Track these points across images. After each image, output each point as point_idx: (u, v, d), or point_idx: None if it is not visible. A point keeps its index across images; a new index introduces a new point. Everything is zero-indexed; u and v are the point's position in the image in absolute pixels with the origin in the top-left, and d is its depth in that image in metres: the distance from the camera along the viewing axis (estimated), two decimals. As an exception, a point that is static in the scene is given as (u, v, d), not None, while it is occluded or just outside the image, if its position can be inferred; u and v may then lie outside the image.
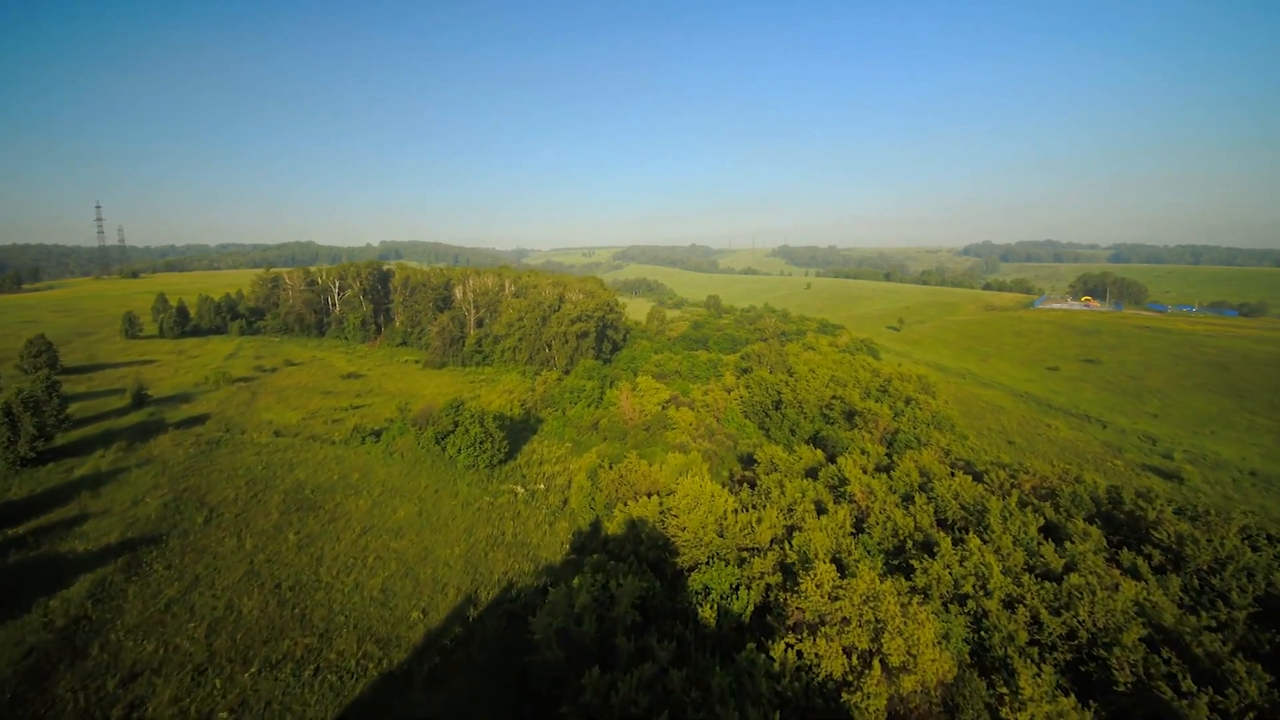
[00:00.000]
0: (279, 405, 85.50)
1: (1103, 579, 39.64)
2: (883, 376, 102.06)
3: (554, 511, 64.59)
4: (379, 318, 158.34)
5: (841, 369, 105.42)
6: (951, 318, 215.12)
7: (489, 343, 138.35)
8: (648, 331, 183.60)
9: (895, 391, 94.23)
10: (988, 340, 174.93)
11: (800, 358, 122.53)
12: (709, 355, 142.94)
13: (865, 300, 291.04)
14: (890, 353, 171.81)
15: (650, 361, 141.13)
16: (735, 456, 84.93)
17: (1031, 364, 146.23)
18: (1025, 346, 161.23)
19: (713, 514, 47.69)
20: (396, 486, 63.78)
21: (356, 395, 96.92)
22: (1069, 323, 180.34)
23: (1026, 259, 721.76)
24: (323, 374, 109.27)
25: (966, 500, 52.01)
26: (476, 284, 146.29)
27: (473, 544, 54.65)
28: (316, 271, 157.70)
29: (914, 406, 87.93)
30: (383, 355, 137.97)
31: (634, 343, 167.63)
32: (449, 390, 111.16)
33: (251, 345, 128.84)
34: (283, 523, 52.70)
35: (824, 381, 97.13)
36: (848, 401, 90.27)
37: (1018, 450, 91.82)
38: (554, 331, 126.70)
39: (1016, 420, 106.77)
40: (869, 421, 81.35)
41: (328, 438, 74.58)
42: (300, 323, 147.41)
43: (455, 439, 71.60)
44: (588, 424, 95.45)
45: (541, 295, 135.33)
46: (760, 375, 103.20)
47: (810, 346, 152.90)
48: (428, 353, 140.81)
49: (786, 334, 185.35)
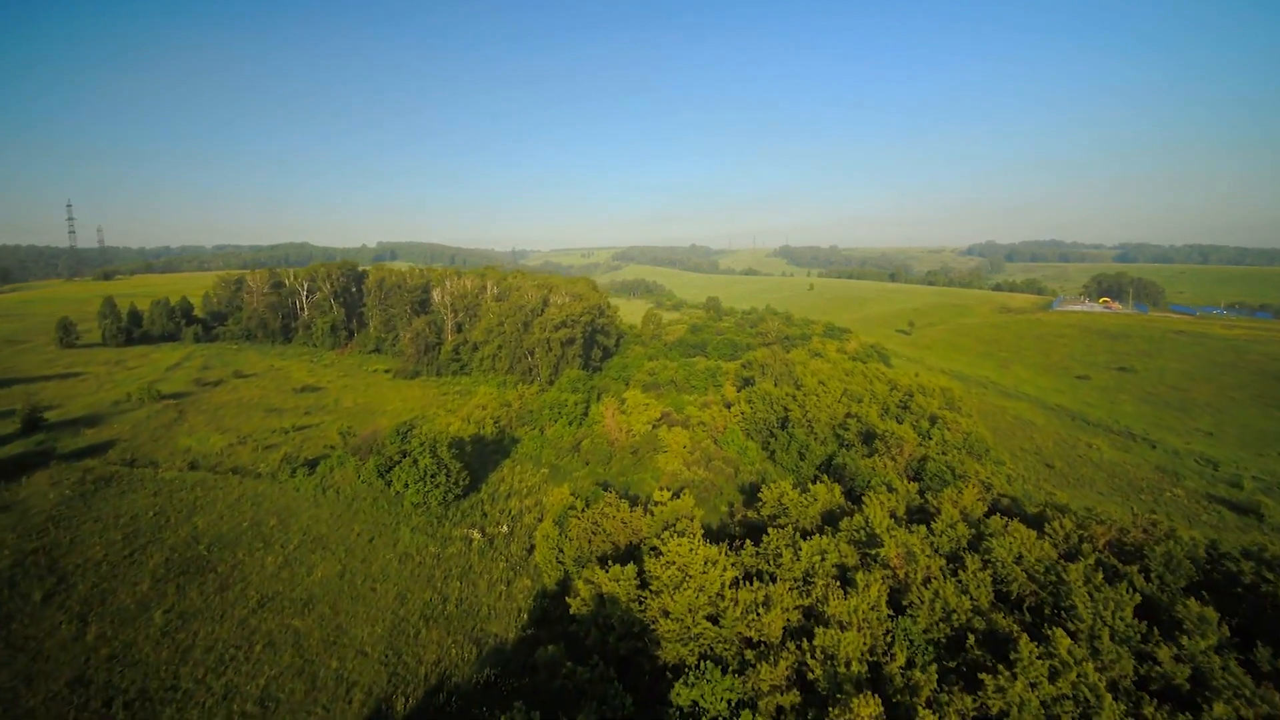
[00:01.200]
0: (207, 427, 73.89)
1: (1255, 704, 27.94)
2: (902, 390, 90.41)
3: (515, 565, 52.99)
4: (351, 322, 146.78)
5: (854, 381, 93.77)
6: (964, 320, 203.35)
7: (467, 350, 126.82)
8: (642, 336, 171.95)
9: (918, 408, 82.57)
10: (1006, 345, 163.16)
11: (808, 367, 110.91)
12: (707, 363, 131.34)
13: (870, 302, 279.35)
14: (901, 358, 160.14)
15: (643, 370, 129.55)
16: (736, 486, 73.29)
17: (1058, 372, 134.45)
18: (1049, 352, 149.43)
19: (706, 591, 36.08)
20: (321, 535, 52.15)
21: (305, 413, 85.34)
22: (1093, 326, 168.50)
23: (1032, 259, 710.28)
24: (274, 387, 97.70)
25: (1033, 565, 40.35)
26: (455, 286, 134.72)
27: (403, 617, 43.01)
28: (284, 273, 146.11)
29: (941, 427, 76.27)
30: (351, 364, 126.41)
31: (627, 349, 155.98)
32: (416, 405, 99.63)
33: (204, 354, 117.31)
34: (153, 596, 41.05)
35: (836, 396, 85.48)
36: (865, 421, 78.59)
37: (1059, 476, 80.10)
38: (536, 338, 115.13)
39: (1051, 438, 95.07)
40: (891, 446, 69.69)
41: (252, 469, 62.96)
42: (264, 328, 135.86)
43: (402, 472, 59.98)
44: (568, 445, 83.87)
45: (524, 298, 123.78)
46: (764, 389, 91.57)
47: (817, 353, 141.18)
48: (400, 361, 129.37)
49: (790, 338, 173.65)
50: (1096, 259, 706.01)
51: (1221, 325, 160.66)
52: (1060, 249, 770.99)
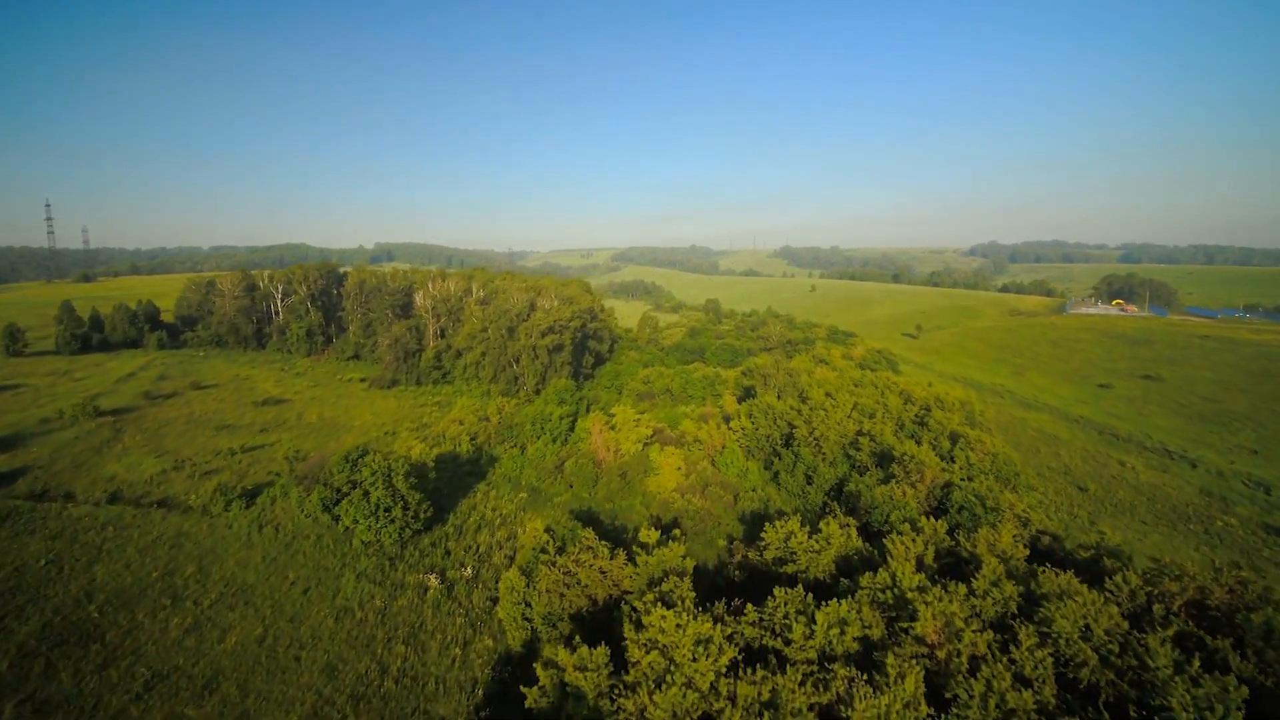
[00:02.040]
0: (143, 450, 66.07)
1: None
2: (918, 403, 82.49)
3: (476, 619, 45.20)
4: (330, 327, 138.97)
5: (865, 394, 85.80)
6: (973, 323, 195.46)
7: (450, 357, 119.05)
8: (637, 341, 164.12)
9: (936, 425, 74.62)
10: (1020, 350, 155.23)
11: (813, 376, 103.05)
12: (705, 370, 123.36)
13: (875, 304, 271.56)
14: (909, 364, 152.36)
15: (637, 378, 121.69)
16: (735, 515, 65.40)
17: (1078, 380, 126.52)
18: (1066, 358, 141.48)
19: (696, 685, 28.23)
20: (247, 586, 44.30)
21: (261, 430, 77.53)
22: (1111, 330, 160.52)
23: (1035, 260, 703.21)
24: (234, 400, 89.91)
25: (1103, 639, 32.49)
26: (438, 289, 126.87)
27: (328, 698, 35.18)
28: (258, 275, 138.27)
29: (964, 448, 68.37)
30: (326, 371, 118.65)
31: (621, 354, 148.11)
32: (388, 418, 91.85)
33: (165, 363, 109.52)
34: (10, 680, 33.13)
35: (846, 411, 77.53)
36: (879, 440, 70.72)
37: (1095, 502, 72.22)
38: (522, 345, 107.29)
39: (1079, 455, 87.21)
40: (911, 471, 61.79)
41: (182, 502, 55.14)
42: (235, 334, 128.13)
43: (351, 506, 52.14)
44: (551, 465, 76.06)
45: (509, 302, 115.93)
46: (766, 402, 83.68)
47: (822, 360, 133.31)
48: (379, 368, 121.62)
49: (793, 343, 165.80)
50: (1100, 259, 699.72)
51: (1249, 329, 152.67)
52: (1064, 249, 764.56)
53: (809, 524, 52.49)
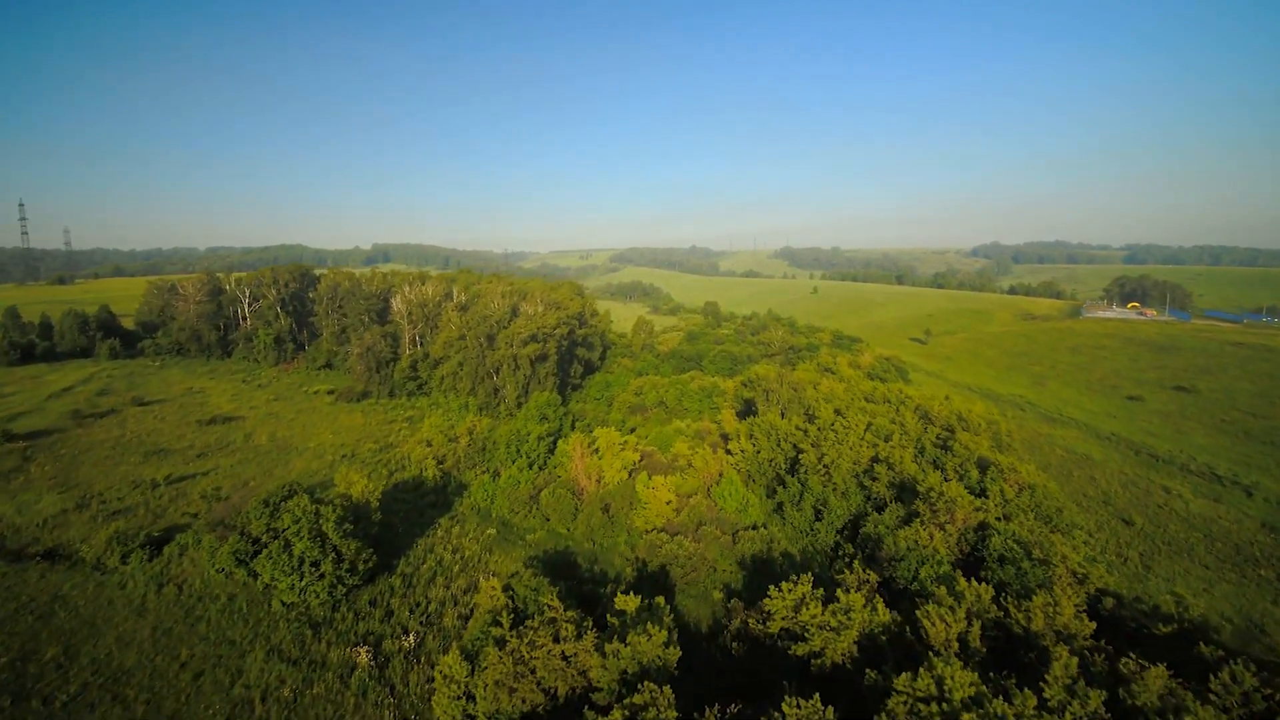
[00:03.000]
0: (49, 483, 57.25)
1: None
2: (939, 422, 73.55)
3: (412, 710, 36.35)
4: (302, 334, 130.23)
5: (878, 412, 76.81)
6: (985, 328, 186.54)
7: (426, 367, 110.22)
8: (631, 347, 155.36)
9: (961, 450, 65.63)
10: (1037, 357, 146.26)
11: (819, 390, 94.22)
12: (703, 380, 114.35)
13: (879, 306, 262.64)
14: (920, 372, 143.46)
15: (629, 389, 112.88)
16: (734, 559, 56.46)
17: (1104, 391, 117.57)
18: (1089, 367, 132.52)
19: None
20: (124, 672, 35.46)
21: (198, 456, 68.72)
22: (1133, 336, 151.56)
23: (1039, 260, 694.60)
24: (178, 418, 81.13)
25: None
26: (414, 293, 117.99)
27: None
28: (224, 278, 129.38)
29: (998, 479, 59.47)
30: (291, 383, 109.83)
31: (613, 362, 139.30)
32: (350, 437, 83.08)
33: (113, 374, 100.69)
34: None
35: (859, 433, 68.57)
36: (898, 469, 61.87)
37: (1144, 539, 63.28)
38: (501, 354, 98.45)
39: (1117, 479, 78.32)
40: (939, 510, 52.91)
41: (73, 552, 46.24)
42: (197, 341, 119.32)
43: (270, 560, 43.26)
44: (526, 494, 67.25)
45: (489, 307, 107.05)
46: (769, 421, 74.80)
47: (828, 369, 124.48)
48: (350, 379, 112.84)
49: (796, 349, 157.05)
50: (1105, 260, 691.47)
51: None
52: (1067, 250, 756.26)
53: (823, 584, 43.57)
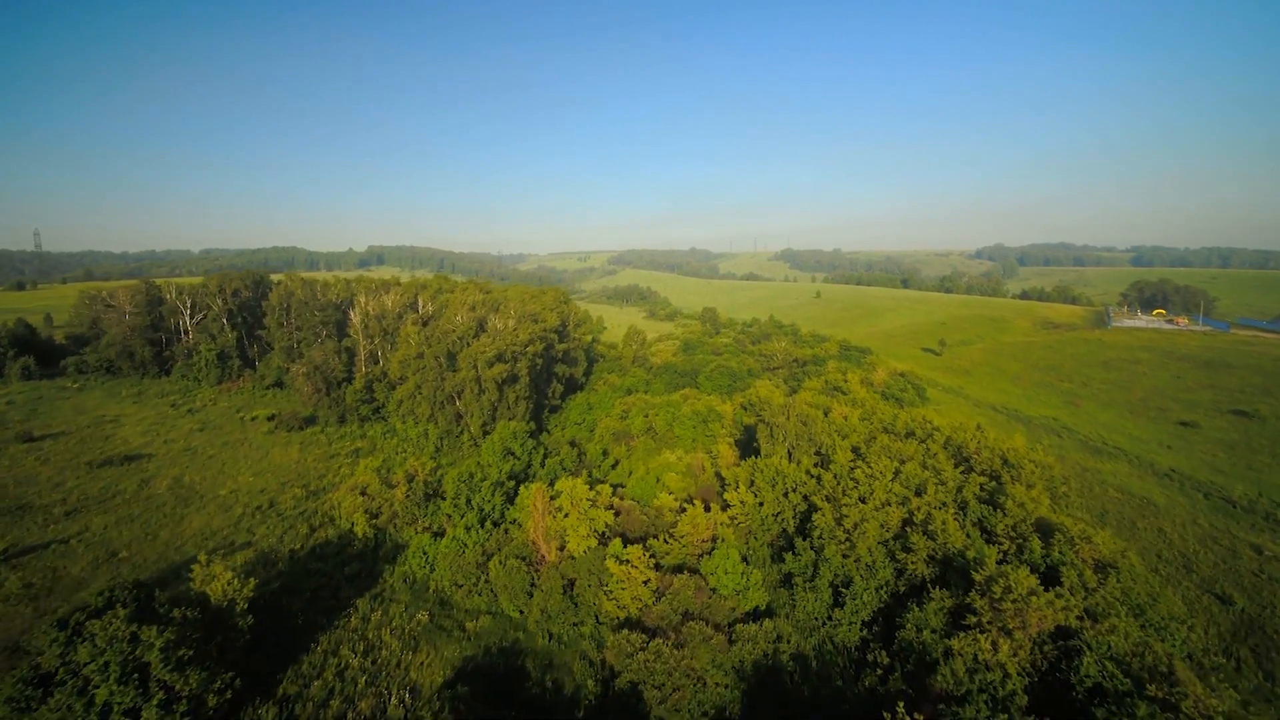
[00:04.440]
0: None
1: None
2: (982, 467, 60.24)
3: None
4: (251, 348, 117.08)
5: (906, 453, 63.48)
6: (1003, 338, 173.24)
7: (383, 389, 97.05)
8: (621, 359, 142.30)
9: (1015, 509, 52.33)
10: (1068, 373, 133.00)
11: (831, 419, 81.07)
12: (698, 403, 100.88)
13: (887, 312, 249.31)
14: (937, 388, 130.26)
15: (614, 413, 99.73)
16: (731, 669, 43.07)
17: (1151, 415, 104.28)
18: (1128, 385, 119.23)
19: None
20: None
21: (69, 513, 55.52)
22: (1171, 349, 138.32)
23: (1045, 262, 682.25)
24: (69, 457, 68.00)
25: None
26: (372, 303, 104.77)
27: None
28: (164, 286, 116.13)
29: (1068, 553, 46.20)
30: (230, 406, 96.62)
31: (599, 378, 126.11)
32: (277, 479, 69.90)
33: (14, 399, 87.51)
34: None
35: (885, 483, 55.35)
36: (939, 538, 48.66)
37: (1253, 629, 49.93)
38: (464, 376, 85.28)
39: (1191, 533, 65.04)
40: (1004, 610, 39.64)
41: None
42: (130, 358, 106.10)
43: (53, 715, 30.01)
44: (473, 562, 54.15)
45: (452, 321, 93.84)
46: (773, 466, 61.55)
47: (837, 388, 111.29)
48: (299, 401, 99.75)
49: (800, 362, 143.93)
50: (1112, 262, 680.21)
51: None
52: (1072, 252, 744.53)
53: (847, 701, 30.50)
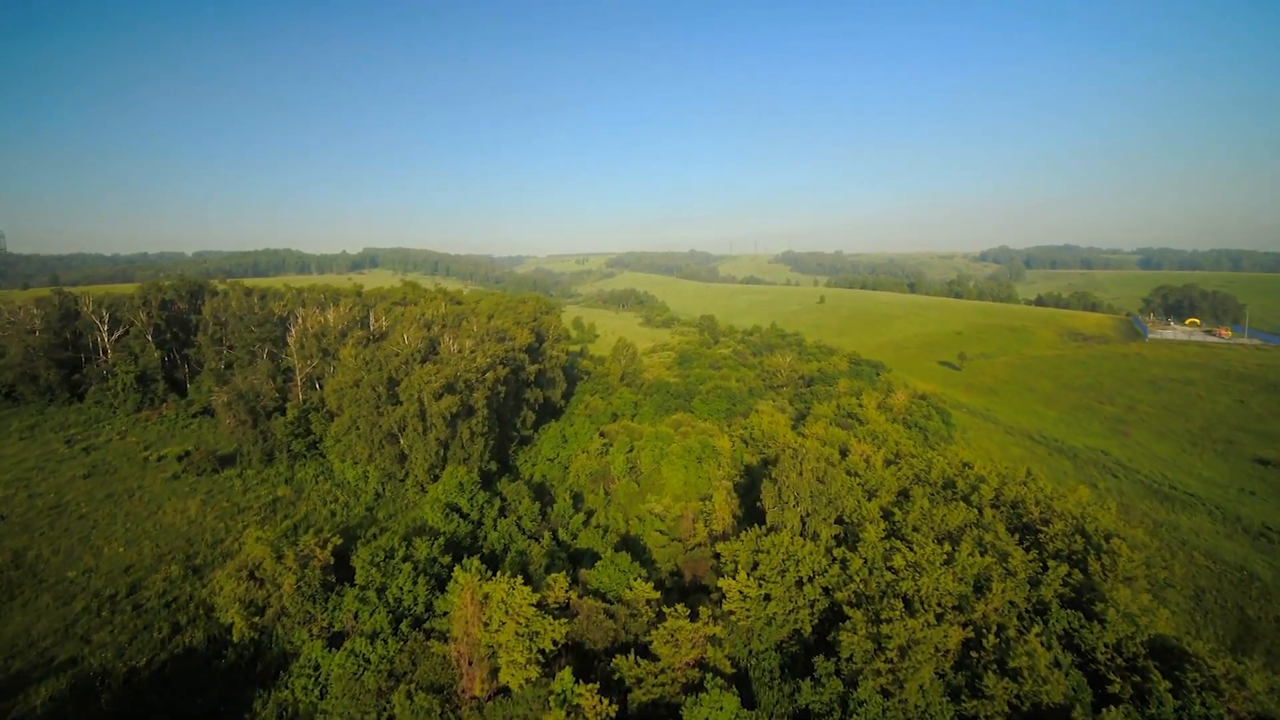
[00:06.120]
0: None
1: None
2: (1059, 547, 45.69)
3: None
4: (182, 368, 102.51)
5: (951, 519, 49.07)
6: (1028, 350, 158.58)
7: (320, 420, 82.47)
8: (608, 377, 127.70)
9: (1118, 620, 37.74)
10: (1108, 393, 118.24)
11: (851, 462, 66.53)
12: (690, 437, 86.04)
13: (895, 319, 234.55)
14: (962, 410, 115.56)
15: (592, 448, 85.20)
16: None
17: (1215, 447, 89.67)
18: (1183, 411, 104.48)
19: None
20: None
21: None
22: (1225, 368, 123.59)
23: (1052, 265, 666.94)
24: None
25: None
26: (311, 320, 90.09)
27: None
28: (83, 296, 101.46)
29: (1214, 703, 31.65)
30: (139, 441, 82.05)
31: (580, 401, 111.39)
32: (153, 550, 55.39)
33: None
34: None
35: (934, 578, 40.81)
36: (1026, 680, 34.08)
37: None
38: (406, 410, 70.64)
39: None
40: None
41: None
42: (33, 382, 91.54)
43: None
44: (374, 690, 39.53)
45: (396, 342, 79.14)
46: (783, 545, 46.98)
47: (851, 414, 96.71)
48: (223, 433, 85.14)
49: (807, 379, 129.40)
50: (1120, 265, 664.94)
51: None
52: (1079, 254, 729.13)
53: None
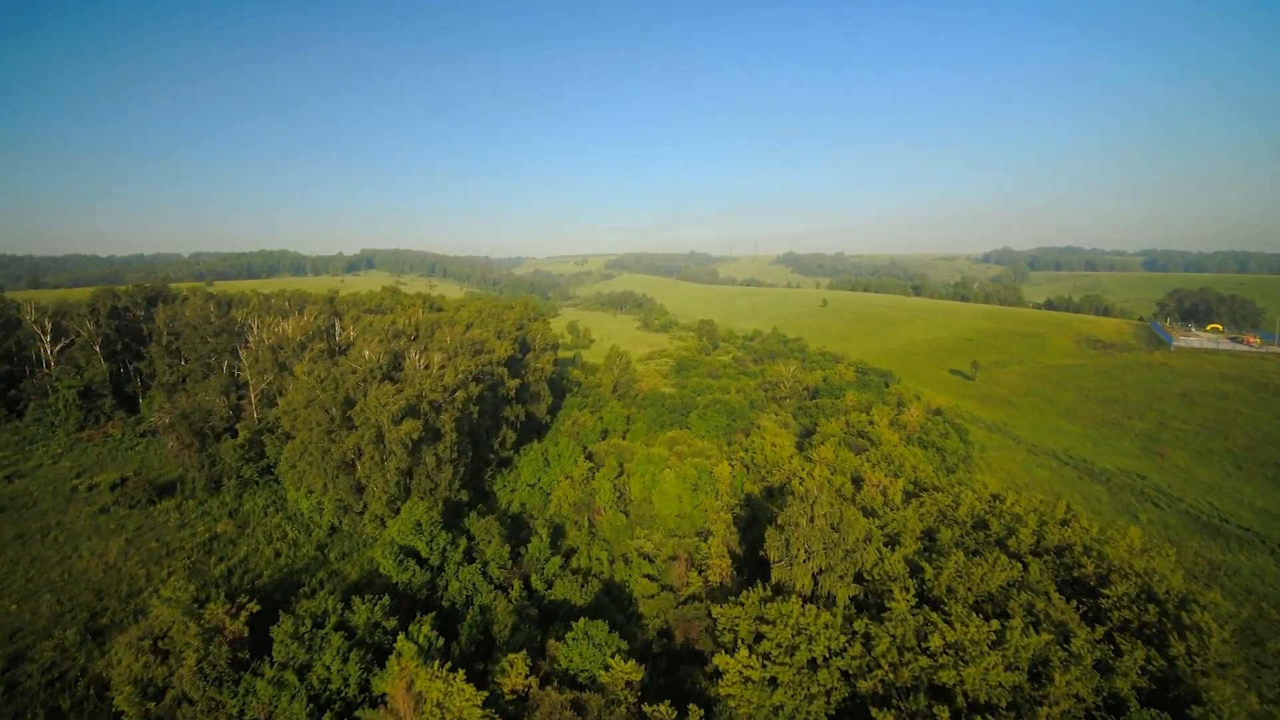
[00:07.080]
0: None
1: None
2: (1127, 617, 37.45)
3: None
4: (134, 382, 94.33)
5: (1003, 590, 40.81)
6: (1044, 359, 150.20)
7: (274, 443, 74.13)
8: (600, 388, 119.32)
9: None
10: (1135, 407, 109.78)
11: (867, 497, 58.43)
12: (684, 457, 77.71)
13: (901, 323, 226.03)
14: (978, 425, 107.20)
15: (576, 473, 76.95)
16: None
17: (1265, 471, 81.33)
18: (1222, 429, 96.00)
19: None
20: None
21: None
22: (1263, 380, 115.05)
23: (1056, 266, 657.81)
24: None
25: None
26: (269, 329, 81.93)
27: None
28: (25, 304, 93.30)
29: None
30: (72, 467, 73.83)
31: (567, 417, 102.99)
32: (54, 606, 47.00)
33: None
34: None
35: (981, 668, 32.67)
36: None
37: None
38: (361, 436, 62.30)
39: None
40: None
41: None
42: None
43: None
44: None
45: (356, 358, 70.83)
46: (793, 617, 38.76)
47: (862, 433, 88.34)
48: (167, 458, 76.91)
49: (811, 390, 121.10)
50: (1124, 267, 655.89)
51: None
52: (1083, 256, 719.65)
53: None
